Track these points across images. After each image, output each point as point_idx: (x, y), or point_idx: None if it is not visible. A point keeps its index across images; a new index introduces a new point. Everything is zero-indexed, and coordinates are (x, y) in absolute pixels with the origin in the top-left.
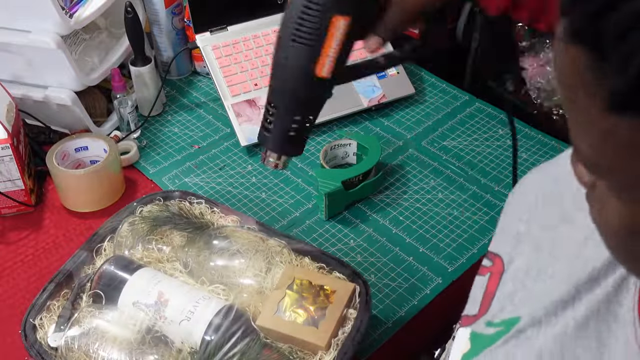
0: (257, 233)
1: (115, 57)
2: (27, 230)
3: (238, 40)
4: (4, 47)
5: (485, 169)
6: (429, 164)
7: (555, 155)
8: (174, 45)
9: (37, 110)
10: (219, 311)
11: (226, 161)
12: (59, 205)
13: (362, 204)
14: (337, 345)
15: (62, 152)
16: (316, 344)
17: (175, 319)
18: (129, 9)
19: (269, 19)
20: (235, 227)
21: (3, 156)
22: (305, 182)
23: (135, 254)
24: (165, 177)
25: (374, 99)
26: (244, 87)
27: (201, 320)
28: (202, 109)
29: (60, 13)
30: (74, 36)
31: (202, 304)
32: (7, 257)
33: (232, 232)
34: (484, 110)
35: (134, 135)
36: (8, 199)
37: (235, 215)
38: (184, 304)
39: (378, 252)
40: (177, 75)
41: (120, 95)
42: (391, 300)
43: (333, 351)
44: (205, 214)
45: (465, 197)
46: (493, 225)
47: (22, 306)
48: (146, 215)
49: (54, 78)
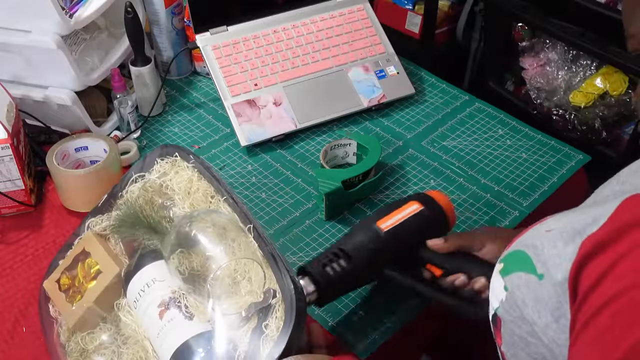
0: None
1: (115, 57)
2: (27, 230)
3: (238, 40)
4: (4, 47)
5: (485, 169)
6: (429, 164)
7: (555, 155)
8: (174, 45)
9: (37, 110)
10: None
11: (226, 161)
12: (59, 205)
13: (362, 204)
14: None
15: (62, 152)
16: (65, 320)
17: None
18: (129, 9)
19: (269, 19)
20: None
21: (3, 156)
22: (305, 182)
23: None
24: None
25: (374, 99)
26: (244, 87)
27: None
28: (202, 109)
29: (60, 13)
30: (74, 36)
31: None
32: (7, 257)
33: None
34: (484, 110)
35: (134, 135)
36: (8, 199)
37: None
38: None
39: None
40: (177, 75)
41: (120, 95)
42: (391, 300)
43: None
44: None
45: (465, 197)
46: (493, 225)
47: (22, 306)
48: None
49: (54, 78)
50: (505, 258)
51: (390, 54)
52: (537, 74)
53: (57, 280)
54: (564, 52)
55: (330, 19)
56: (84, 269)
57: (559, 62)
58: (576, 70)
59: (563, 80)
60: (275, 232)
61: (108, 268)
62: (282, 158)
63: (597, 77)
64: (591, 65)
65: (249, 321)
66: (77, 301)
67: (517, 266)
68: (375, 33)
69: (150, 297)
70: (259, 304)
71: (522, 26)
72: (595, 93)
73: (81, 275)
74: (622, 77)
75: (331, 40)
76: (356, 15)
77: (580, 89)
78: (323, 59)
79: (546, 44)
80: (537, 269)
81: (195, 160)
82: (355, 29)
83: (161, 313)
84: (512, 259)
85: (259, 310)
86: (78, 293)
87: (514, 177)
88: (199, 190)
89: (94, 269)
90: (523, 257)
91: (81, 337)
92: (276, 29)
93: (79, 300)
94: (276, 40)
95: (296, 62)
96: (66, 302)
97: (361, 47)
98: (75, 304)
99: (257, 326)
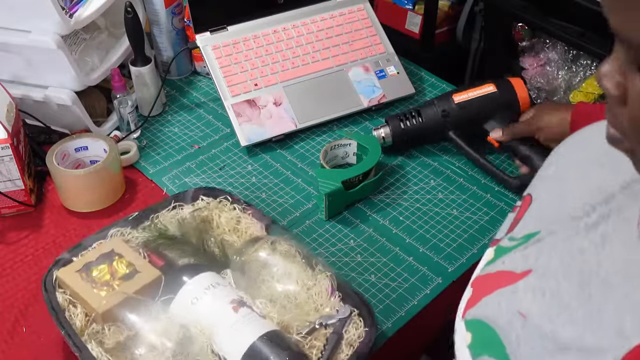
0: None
1: (115, 57)
2: (27, 230)
3: (238, 40)
4: (4, 47)
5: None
6: (429, 164)
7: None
8: (174, 45)
9: (37, 110)
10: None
11: (226, 161)
12: (59, 205)
13: (362, 204)
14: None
15: (62, 152)
16: (92, 306)
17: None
18: (129, 9)
19: (269, 19)
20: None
21: (3, 156)
22: (305, 182)
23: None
24: (165, 177)
25: (374, 99)
26: (244, 87)
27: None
28: (202, 109)
29: (60, 13)
30: (74, 36)
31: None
32: (7, 257)
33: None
34: None
35: (134, 135)
36: (8, 199)
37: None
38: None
39: (378, 252)
40: (177, 75)
41: (120, 95)
42: (391, 300)
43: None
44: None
45: (465, 197)
46: (493, 225)
47: (22, 306)
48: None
49: (54, 78)
50: (471, 324)
51: (390, 54)
52: (537, 74)
53: (80, 270)
54: (564, 52)
55: (330, 19)
56: (113, 267)
57: (559, 62)
58: (576, 70)
59: (563, 80)
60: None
61: (147, 270)
62: (282, 158)
63: None
64: (591, 65)
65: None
66: (109, 292)
67: (488, 349)
68: (375, 33)
69: (217, 295)
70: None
71: (522, 26)
72: (595, 93)
73: (109, 271)
74: None
75: (331, 40)
76: (356, 15)
77: (580, 89)
78: (323, 59)
79: (546, 44)
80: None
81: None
82: (356, 29)
83: (235, 308)
84: (481, 333)
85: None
86: (107, 286)
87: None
88: (249, 229)
89: (128, 268)
90: (494, 339)
91: (108, 326)
92: (276, 29)
93: (110, 292)
94: (276, 40)
95: (296, 62)
96: (94, 291)
97: (361, 47)
98: (106, 293)
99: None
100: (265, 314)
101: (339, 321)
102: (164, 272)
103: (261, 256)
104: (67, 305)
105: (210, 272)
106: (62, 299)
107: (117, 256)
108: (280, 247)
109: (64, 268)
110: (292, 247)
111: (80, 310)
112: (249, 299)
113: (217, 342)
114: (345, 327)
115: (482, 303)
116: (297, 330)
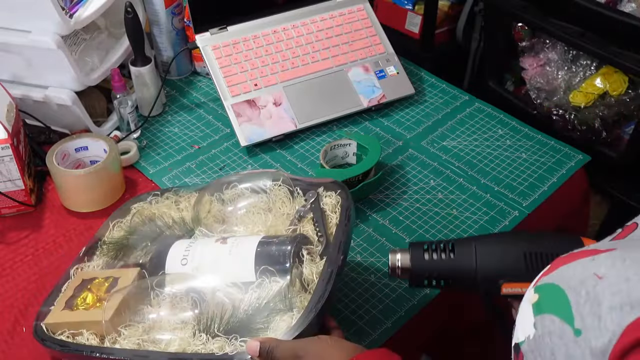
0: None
1: (115, 57)
2: (27, 230)
3: (238, 40)
4: (4, 47)
5: (485, 169)
6: (429, 164)
7: (555, 155)
8: (174, 45)
9: (37, 110)
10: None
11: (226, 161)
12: (59, 205)
13: (362, 204)
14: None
15: (62, 152)
16: (97, 319)
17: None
18: (129, 9)
19: (269, 19)
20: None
21: (3, 156)
22: None
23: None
24: (165, 177)
25: (374, 99)
26: (244, 87)
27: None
28: (202, 109)
29: (60, 13)
30: (74, 36)
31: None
32: (7, 257)
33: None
34: (484, 110)
35: (134, 135)
36: (8, 199)
37: None
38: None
39: (378, 252)
40: (177, 75)
41: (120, 95)
42: (391, 300)
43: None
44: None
45: (465, 197)
46: (493, 225)
47: (22, 306)
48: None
49: (54, 78)
50: (541, 288)
51: (390, 54)
52: (537, 74)
53: (64, 308)
54: (564, 52)
55: (330, 19)
56: (93, 289)
57: (559, 62)
58: (576, 70)
59: (563, 80)
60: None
61: (126, 273)
62: (282, 158)
63: (597, 77)
64: (591, 65)
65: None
66: (103, 304)
67: (552, 307)
68: (375, 33)
69: (201, 245)
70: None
71: (522, 26)
72: (595, 93)
73: (92, 294)
74: (622, 77)
75: (331, 40)
76: (356, 15)
77: (580, 89)
78: (323, 59)
79: (546, 44)
80: (575, 321)
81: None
82: (355, 29)
83: (223, 242)
84: (549, 294)
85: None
86: (98, 302)
87: (513, 177)
88: (190, 200)
89: (107, 282)
90: (561, 298)
91: (122, 329)
92: (276, 29)
93: (104, 303)
94: (276, 40)
95: (296, 62)
96: (90, 311)
97: (361, 47)
98: (102, 305)
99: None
100: (249, 233)
101: (313, 204)
102: (142, 267)
103: (214, 210)
104: (73, 339)
105: (182, 239)
106: (65, 338)
107: (90, 281)
108: (227, 192)
109: (48, 316)
110: (237, 184)
111: (87, 334)
112: (229, 233)
113: (226, 276)
114: (321, 202)
115: (558, 271)
116: (284, 232)
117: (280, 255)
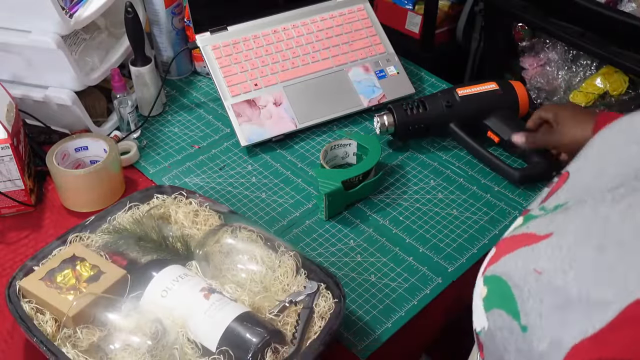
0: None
1: (115, 57)
2: (27, 230)
3: (238, 40)
4: (4, 47)
5: (485, 169)
6: (429, 164)
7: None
8: (174, 45)
9: (37, 110)
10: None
11: (226, 161)
12: (59, 205)
13: (362, 204)
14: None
15: (62, 152)
16: (62, 310)
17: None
18: (129, 9)
19: (269, 19)
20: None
21: (3, 156)
22: (305, 182)
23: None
24: (165, 177)
25: (374, 99)
26: (244, 87)
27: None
28: (202, 109)
29: (60, 13)
30: (74, 36)
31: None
32: (7, 257)
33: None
34: None
35: (134, 135)
36: (8, 199)
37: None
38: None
39: (378, 252)
40: (177, 75)
41: (120, 95)
42: (391, 300)
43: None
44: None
45: (465, 197)
46: (493, 225)
47: None
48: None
49: (54, 78)
50: (488, 279)
51: (390, 54)
52: (537, 74)
53: (43, 278)
54: (564, 52)
55: (330, 19)
56: (77, 271)
57: (559, 62)
58: (576, 70)
59: (563, 80)
60: (275, 232)
61: (112, 270)
62: (282, 158)
63: (597, 77)
64: (591, 65)
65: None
66: (76, 295)
67: (500, 302)
68: (375, 33)
69: (187, 285)
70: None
71: (522, 26)
72: (595, 93)
73: (73, 275)
74: (622, 77)
75: (331, 40)
76: (356, 15)
77: (580, 89)
78: (323, 59)
79: (546, 44)
80: (522, 318)
81: (200, 197)
82: (355, 29)
83: (206, 296)
84: (496, 288)
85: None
86: (73, 289)
87: None
88: (208, 220)
89: (92, 271)
90: (507, 293)
91: (80, 329)
92: (276, 29)
93: (77, 295)
94: (276, 40)
95: (296, 62)
96: (61, 296)
97: (361, 47)
98: (74, 297)
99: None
100: (236, 297)
101: (308, 296)
102: (129, 271)
103: (224, 244)
104: (35, 313)
105: (176, 265)
106: (29, 309)
107: (79, 260)
108: (241, 234)
109: (26, 278)
110: (253, 232)
111: (49, 317)
112: (219, 286)
113: (193, 331)
114: (315, 301)
115: (502, 261)
116: (268, 311)
117: (245, 343)
